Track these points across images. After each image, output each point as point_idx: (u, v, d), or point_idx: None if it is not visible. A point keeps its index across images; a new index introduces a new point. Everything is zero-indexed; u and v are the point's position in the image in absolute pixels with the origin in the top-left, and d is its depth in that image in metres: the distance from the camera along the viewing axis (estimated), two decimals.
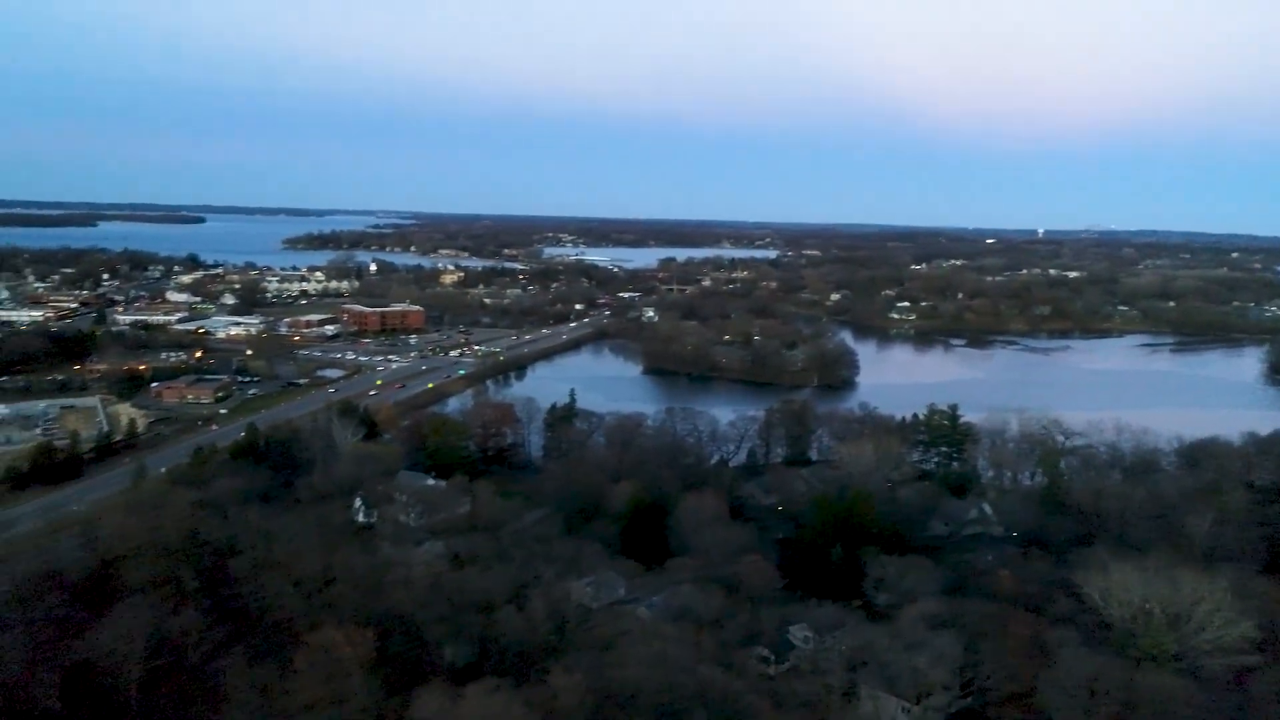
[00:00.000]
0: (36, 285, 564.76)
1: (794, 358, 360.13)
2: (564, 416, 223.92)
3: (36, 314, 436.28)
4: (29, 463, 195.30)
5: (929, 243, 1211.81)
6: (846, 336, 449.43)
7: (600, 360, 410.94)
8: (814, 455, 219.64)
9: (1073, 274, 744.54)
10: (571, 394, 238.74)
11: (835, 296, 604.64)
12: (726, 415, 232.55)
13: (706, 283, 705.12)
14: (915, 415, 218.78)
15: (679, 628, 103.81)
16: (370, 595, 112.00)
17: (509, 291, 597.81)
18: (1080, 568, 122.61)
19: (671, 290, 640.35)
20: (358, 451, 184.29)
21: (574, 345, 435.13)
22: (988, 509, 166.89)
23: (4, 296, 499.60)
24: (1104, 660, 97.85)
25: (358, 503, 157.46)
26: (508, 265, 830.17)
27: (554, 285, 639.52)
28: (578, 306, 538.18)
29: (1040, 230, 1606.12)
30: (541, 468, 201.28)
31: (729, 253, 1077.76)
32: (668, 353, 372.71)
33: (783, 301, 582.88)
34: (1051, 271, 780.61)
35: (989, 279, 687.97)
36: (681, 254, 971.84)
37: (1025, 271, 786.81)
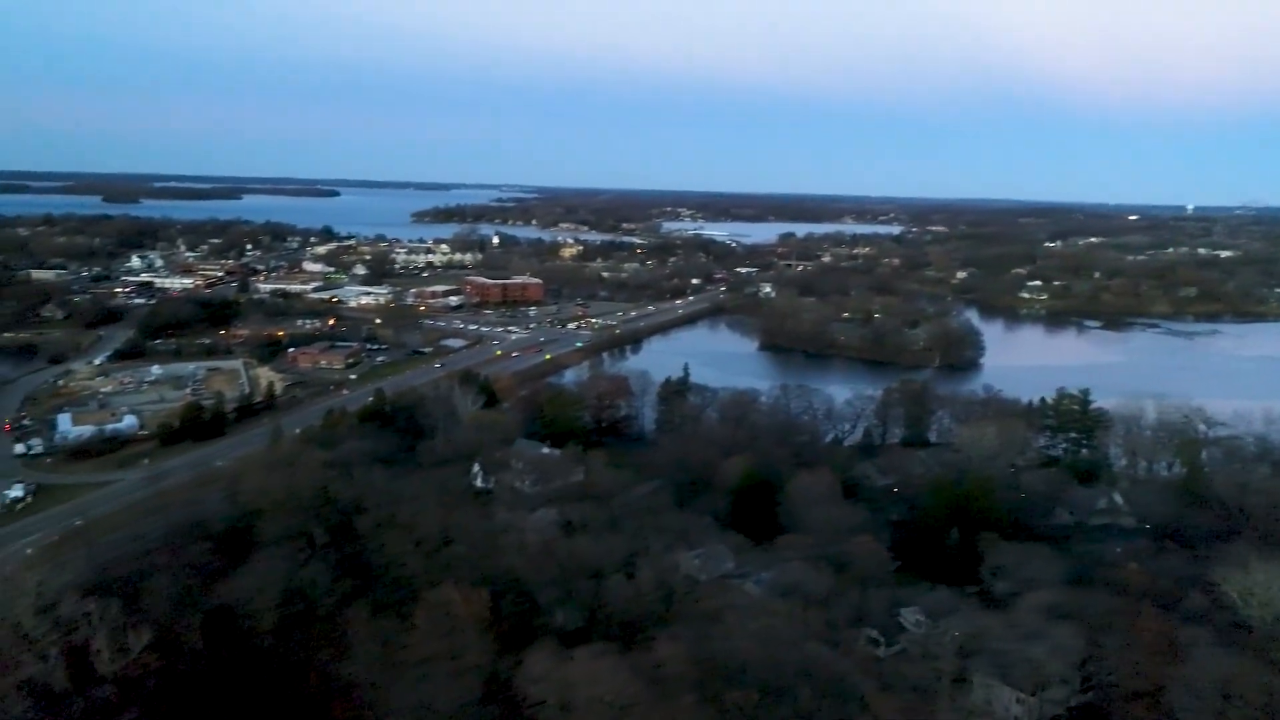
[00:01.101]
0: (187, 255, 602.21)
1: (915, 337, 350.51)
2: (677, 390, 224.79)
3: (187, 282, 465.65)
4: (179, 420, 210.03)
5: (1065, 219, 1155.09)
6: (972, 316, 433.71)
7: (715, 336, 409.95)
8: (933, 437, 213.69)
9: (1225, 253, 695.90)
10: (685, 368, 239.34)
11: (961, 274, 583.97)
12: (842, 394, 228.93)
13: (826, 259, 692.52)
14: (1043, 399, 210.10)
15: (787, 604, 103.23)
16: (486, 557, 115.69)
17: (626, 266, 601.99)
18: (1219, 565, 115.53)
19: (790, 266, 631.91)
20: (477, 419, 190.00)
21: (689, 320, 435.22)
22: (1118, 499, 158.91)
23: (159, 265, 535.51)
24: (1241, 664, 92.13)
25: (476, 468, 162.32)
26: (626, 240, 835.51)
27: (671, 260, 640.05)
28: (694, 281, 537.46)
29: (1189, 206, 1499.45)
30: (654, 440, 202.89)
31: (851, 228, 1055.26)
32: (784, 329, 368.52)
33: (905, 279, 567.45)
34: (1201, 250, 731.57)
35: (1130, 258, 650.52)
36: (801, 229, 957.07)
37: (1171, 250, 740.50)
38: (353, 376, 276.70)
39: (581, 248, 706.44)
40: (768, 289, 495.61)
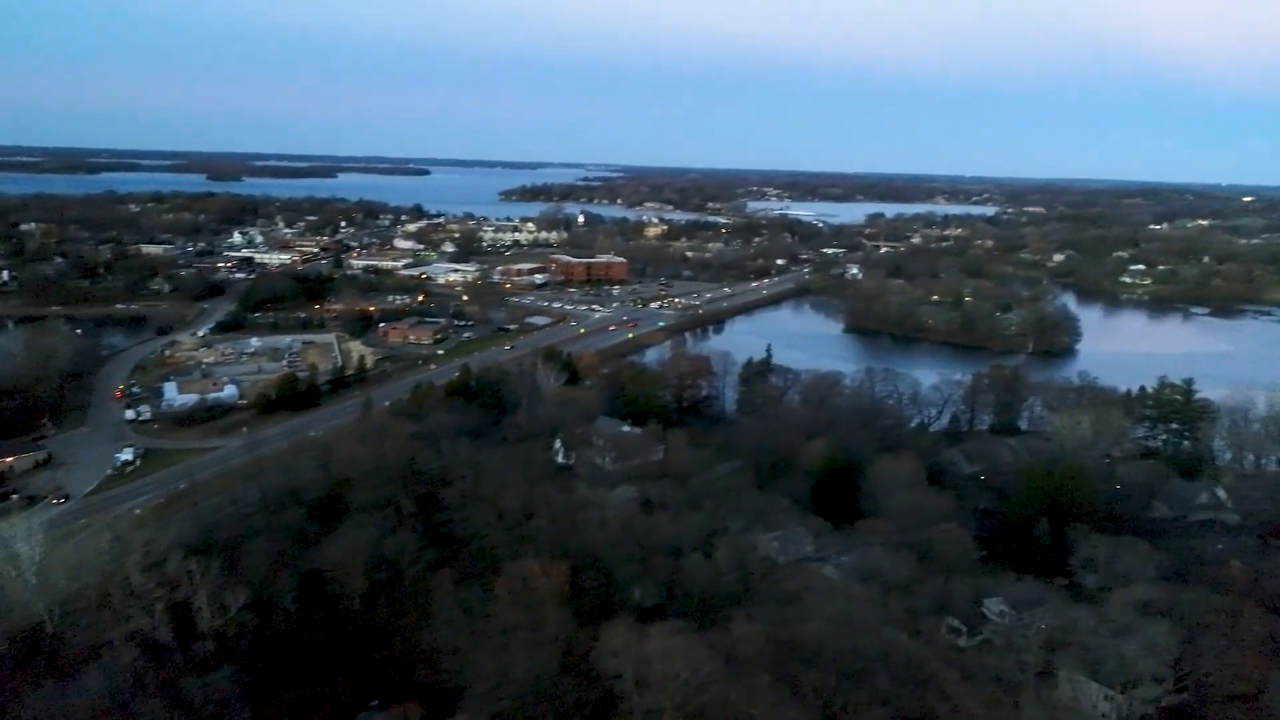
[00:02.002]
0: (285, 231, 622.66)
1: (1008, 321, 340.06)
2: (760, 371, 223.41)
3: (285, 257, 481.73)
4: (276, 391, 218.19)
5: (1172, 200, 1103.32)
6: (1069, 300, 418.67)
7: (799, 317, 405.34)
8: (1023, 425, 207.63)
9: None
10: (768, 349, 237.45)
11: (1059, 257, 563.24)
12: (929, 378, 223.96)
13: (916, 240, 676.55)
14: (1142, 388, 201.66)
15: (866, 589, 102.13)
16: (566, 532, 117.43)
17: (710, 245, 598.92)
18: None
19: (878, 247, 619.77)
20: (559, 396, 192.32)
21: (773, 301, 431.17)
22: (1222, 494, 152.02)
23: (259, 241, 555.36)
24: None
25: (558, 444, 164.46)
26: (710, 219, 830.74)
27: (756, 240, 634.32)
28: (779, 262, 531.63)
29: None
30: (735, 421, 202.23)
31: (942, 209, 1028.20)
32: (870, 311, 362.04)
33: (999, 261, 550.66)
34: None
35: (1243, 241, 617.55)
36: (891, 210, 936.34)
37: None
38: (440, 352, 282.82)
39: (666, 227, 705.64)
40: (854, 270, 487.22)
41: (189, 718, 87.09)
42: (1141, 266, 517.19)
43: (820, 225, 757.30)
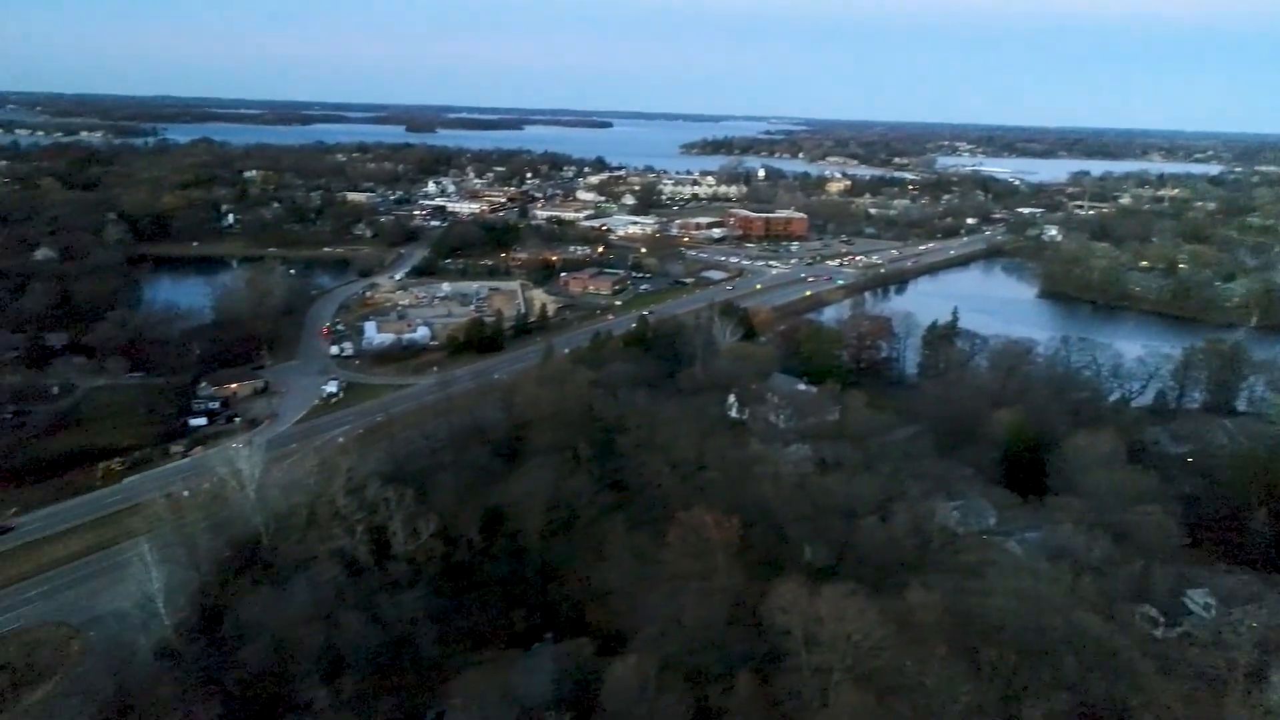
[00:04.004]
0: (475, 181, 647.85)
1: (1229, 292, 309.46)
2: (944, 335, 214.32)
3: (474, 207, 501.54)
4: (464, 334, 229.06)
5: None
6: None
7: (990, 279, 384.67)
8: (1241, 405, 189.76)
9: None
10: (954, 312, 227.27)
11: None
12: (1133, 350, 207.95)
13: (1125, 200, 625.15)
14: None
15: (1054, 568, 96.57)
16: (738, 486, 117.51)
17: (896, 202, 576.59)
18: None
19: (1081, 207, 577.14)
20: (735, 350, 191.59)
21: (962, 262, 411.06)
22: None
23: (451, 191, 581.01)
24: None
25: (731, 399, 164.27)
26: (897, 175, 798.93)
27: (945, 197, 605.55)
28: (969, 221, 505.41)
29: None
30: (915, 385, 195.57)
31: (1157, 167, 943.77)
32: (1069, 276, 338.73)
33: (1222, 226, 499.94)
34: None
35: None
36: (1098, 167, 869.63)
37: None
38: (618, 302, 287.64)
39: (849, 183, 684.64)
40: (1053, 231, 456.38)
41: (382, 631, 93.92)
42: None
43: (1017, 183, 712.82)
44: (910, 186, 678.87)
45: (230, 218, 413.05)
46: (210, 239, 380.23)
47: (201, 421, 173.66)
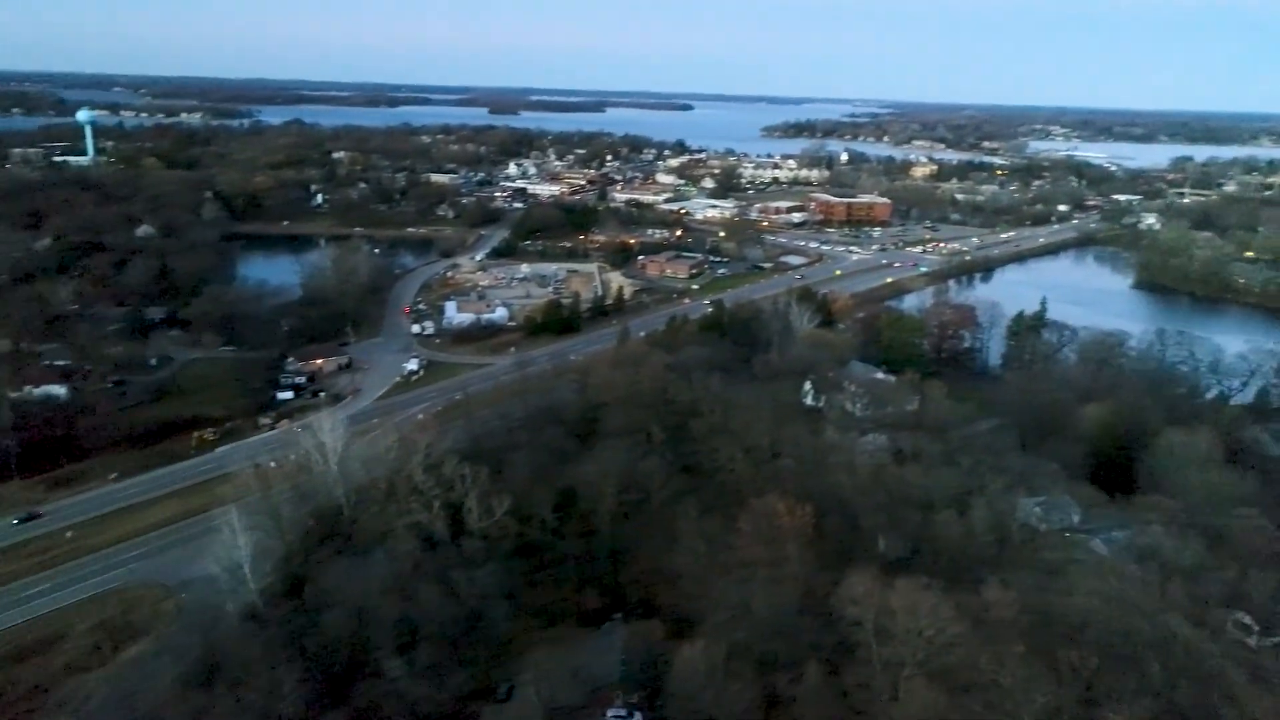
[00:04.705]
0: (556, 164, 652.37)
1: None
2: (1031, 325, 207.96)
3: (554, 189, 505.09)
4: (542, 315, 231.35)
5: None
6: None
7: (1081, 269, 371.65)
8: None
9: None
10: (1042, 302, 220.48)
11: None
12: (1234, 345, 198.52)
13: (1231, 188, 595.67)
14: None
15: (1142, 570, 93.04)
16: (812, 475, 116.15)
17: (984, 188, 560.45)
18: None
19: (1182, 194, 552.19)
20: (812, 337, 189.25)
21: (1052, 250, 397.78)
22: None
23: (531, 173, 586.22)
24: None
25: (807, 386, 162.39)
26: (985, 160, 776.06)
27: (1036, 183, 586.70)
28: (1061, 208, 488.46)
29: None
30: (999, 376, 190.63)
31: (1268, 153, 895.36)
32: (1167, 266, 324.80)
33: None
34: None
35: None
36: (1202, 152, 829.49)
37: None
38: (695, 286, 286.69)
39: (935, 167, 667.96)
40: (1150, 220, 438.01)
41: (456, 605, 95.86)
42: None
43: (1113, 168, 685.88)
44: (999, 171, 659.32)
45: (319, 198, 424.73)
46: (300, 218, 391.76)
47: (289, 395, 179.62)
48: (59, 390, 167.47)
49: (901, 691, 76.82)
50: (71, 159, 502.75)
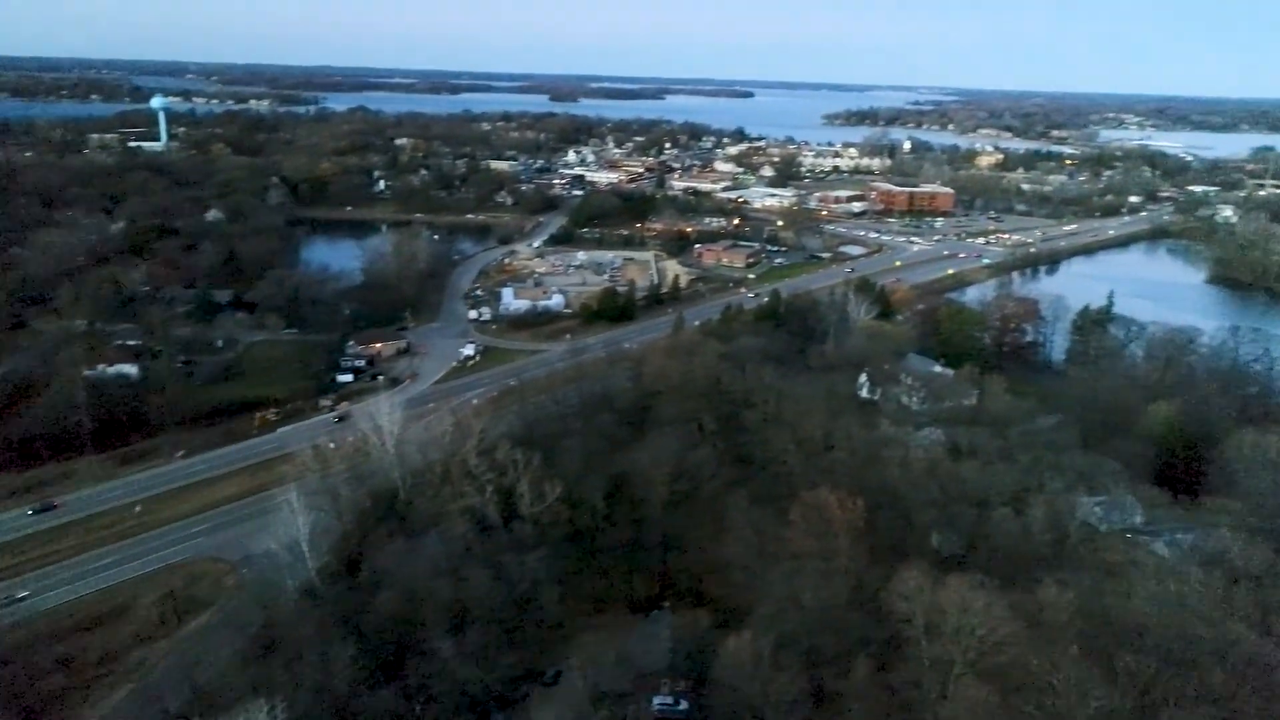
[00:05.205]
0: (614, 151, 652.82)
1: None
2: (1097, 320, 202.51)
3: (612, 176, 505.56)
4: (597, 303, 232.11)
5: None
6: None
7: (1152, 262, 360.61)
8: None
9: None
10: (1110, 296, 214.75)
11: None
12: None
13: None
14: None
15: (1206, 574, 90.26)
16: (865, 468, 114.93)
17: (1051, 178, 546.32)
18: None
19: (1262, 186, 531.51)
20: (869, 329, 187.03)
21: (1121, 242, 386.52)
22: None
23: (590, 160, 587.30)
24: None
25: (863, 378, 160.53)
26: (1054, 149, 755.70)
27: (1107, 173, 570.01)
28: (1133, 199, 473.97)
29: None
30: (1062, 372, 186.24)
31: None
32: (1244, 261, 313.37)
33: None
34: None
35: None
36: None
37: None
38: (751, 276, 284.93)
39: (1001, 156, 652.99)
40: (1228, 212, 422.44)
41: (506, 589, 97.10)
42: None
43: (1189, 159, 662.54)
44: (1068, 161, 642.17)
45: (381, 184, 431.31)
46: (363, 204, 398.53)
47: (348, 378, 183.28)
48: (131, 369, 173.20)
49: (951, 690, 75.79)
50: (146, 144, 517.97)
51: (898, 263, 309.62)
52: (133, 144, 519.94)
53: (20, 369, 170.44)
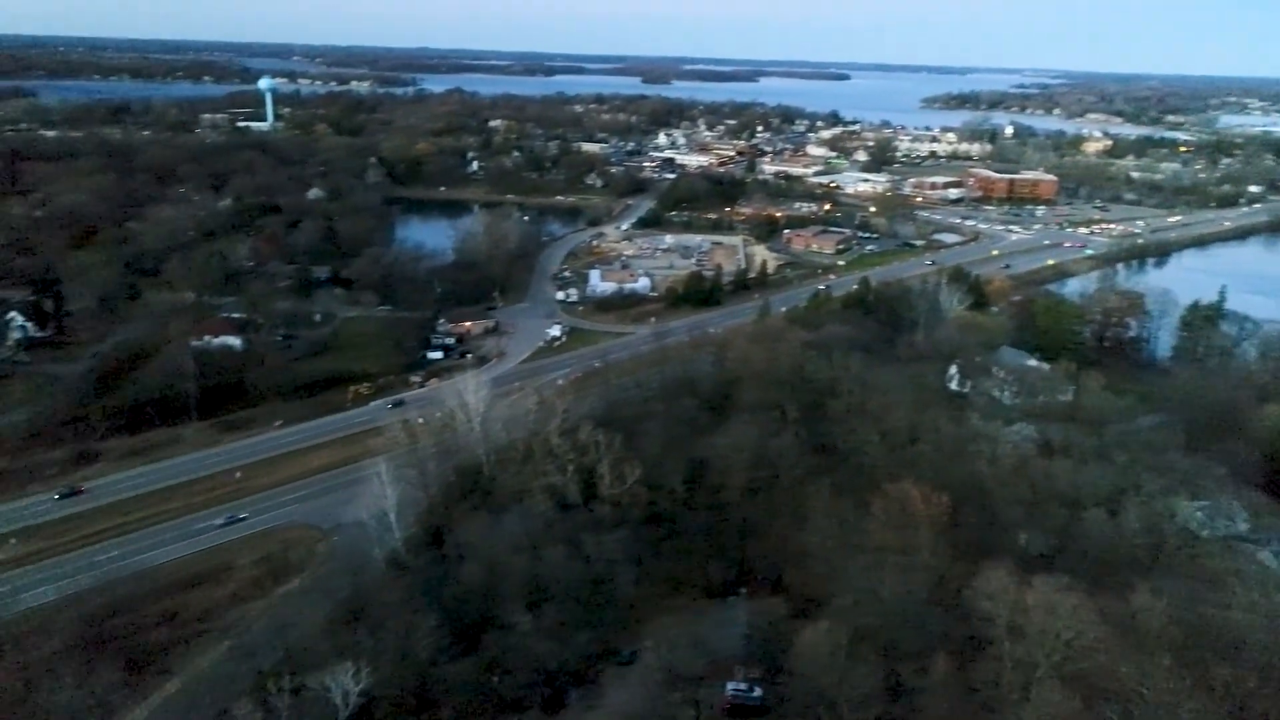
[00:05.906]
0: (705, 134, 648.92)
1: None
2: (1207, 316, 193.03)
3: (703, 159, 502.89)
4: (683, 287, 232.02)
5: None
6: None
7: (1271, 256, 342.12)
8: None
9: None
10: (1222, 291, 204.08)
11: None
12: None
13: None
14: None
15: None
16: (951, 462, 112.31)
17: (1163, 166, 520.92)
18: None
19: None
20: (962, 320, 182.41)
21: (1239, 234, 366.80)
22: None
23: (680, 143, 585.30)
24: None
25: (953, 370, 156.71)
26: (1167, 135, 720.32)
27: (1225, 161, 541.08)
28: (1252, 189, 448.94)
29: None
30: (1167, 369, 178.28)
31: None
32: None
33: None
34: None
35: None
36: None
37: None
38: (841, 262, 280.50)
39: (1110, 142, 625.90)
40: None
41: (585, 567, 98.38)
42: None
43: None
44: (1182, 148, 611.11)
45: (475, 165, 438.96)
46: (456, 184, 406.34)
47: (438, 355, 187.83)
48: (234, 341, 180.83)
49: (1033, 693, 73.75)
50: (253, 124, 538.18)
51: (995, 252, 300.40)
52: (241, 124, 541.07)
53: (133, 338, 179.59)
